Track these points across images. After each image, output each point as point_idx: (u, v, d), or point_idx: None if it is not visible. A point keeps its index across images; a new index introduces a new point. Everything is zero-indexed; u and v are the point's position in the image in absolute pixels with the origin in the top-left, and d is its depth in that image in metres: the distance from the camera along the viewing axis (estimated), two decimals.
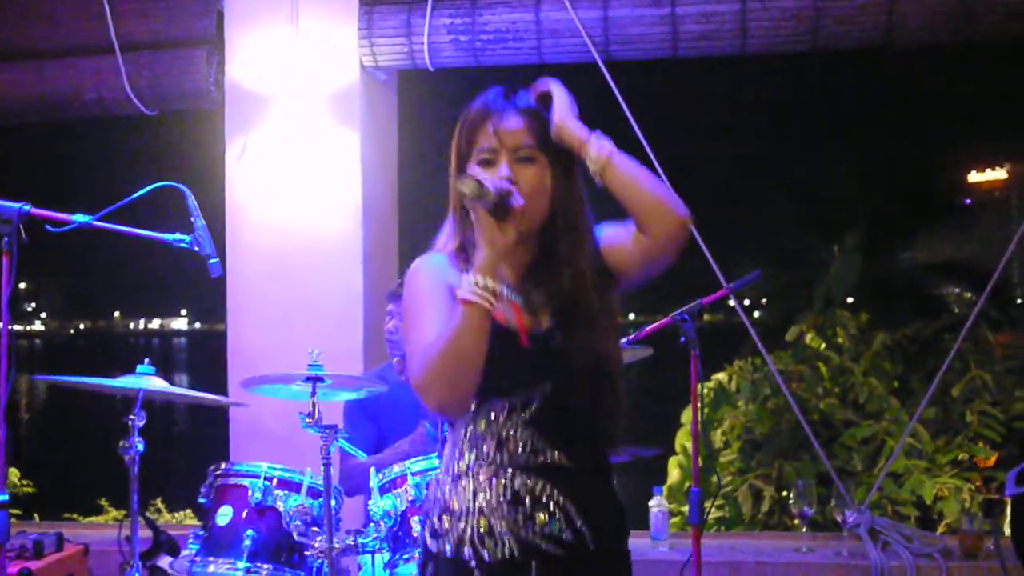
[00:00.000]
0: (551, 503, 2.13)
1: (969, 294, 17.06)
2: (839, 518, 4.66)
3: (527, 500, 2.13)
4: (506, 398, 2.15)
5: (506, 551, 2.11)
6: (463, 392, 2.04)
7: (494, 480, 2.14)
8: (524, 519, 2.13)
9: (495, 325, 2.05)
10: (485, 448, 2.16)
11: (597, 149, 2.15)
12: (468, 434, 2.18)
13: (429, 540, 2.19)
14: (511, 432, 2.15)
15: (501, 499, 2.13)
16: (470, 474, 2.16)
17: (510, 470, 2.15)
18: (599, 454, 2.23)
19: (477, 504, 2.14)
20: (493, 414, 2.16)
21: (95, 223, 3.14)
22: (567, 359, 2.15)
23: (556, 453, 2.15)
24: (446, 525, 2.16)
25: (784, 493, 6.13)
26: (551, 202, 2.19)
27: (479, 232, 2.04)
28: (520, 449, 2.15)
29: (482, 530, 2.13)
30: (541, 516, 2.13)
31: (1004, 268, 5.48)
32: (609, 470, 2.26)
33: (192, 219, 3.26)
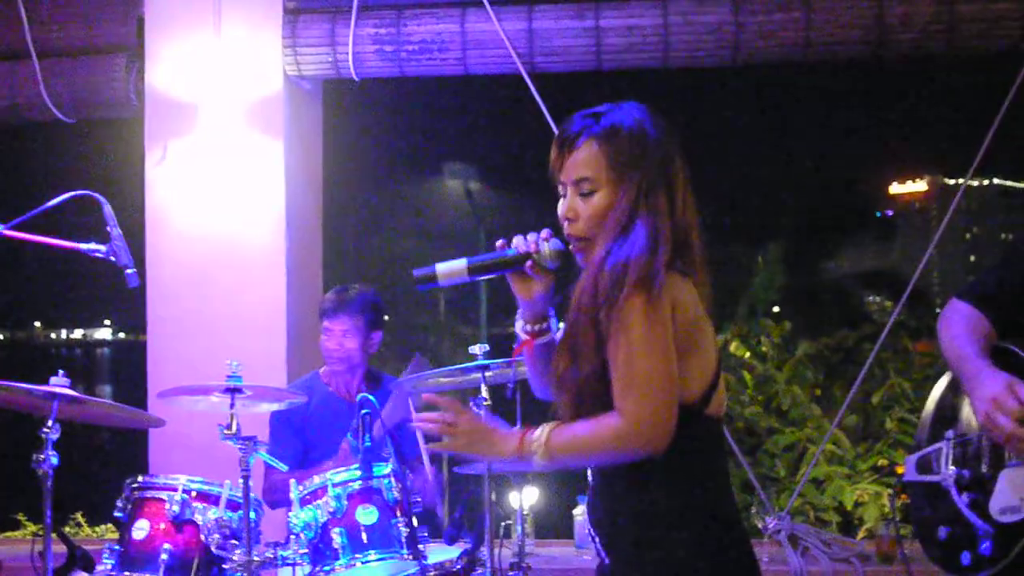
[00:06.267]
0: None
1: (890, 303, 17.41)
2: (760, 524, 4.72)
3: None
4: None
5: None
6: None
7: None
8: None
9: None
10: None
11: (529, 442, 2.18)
12: None
13: None
14: None
15: None
16: None
17: None
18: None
19: None
20: None
21: (6, 232, 3.08)
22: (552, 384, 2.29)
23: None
24: None
25: None
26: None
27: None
28: None
29: None
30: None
31: (923, 276, 5.59)
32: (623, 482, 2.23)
33: (108, 228, 3.21)
